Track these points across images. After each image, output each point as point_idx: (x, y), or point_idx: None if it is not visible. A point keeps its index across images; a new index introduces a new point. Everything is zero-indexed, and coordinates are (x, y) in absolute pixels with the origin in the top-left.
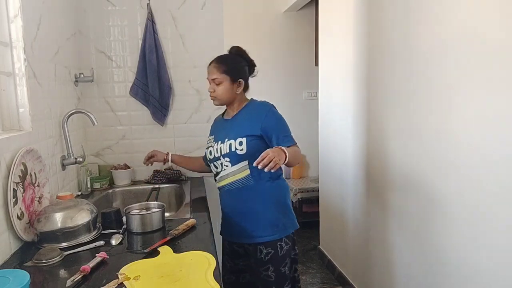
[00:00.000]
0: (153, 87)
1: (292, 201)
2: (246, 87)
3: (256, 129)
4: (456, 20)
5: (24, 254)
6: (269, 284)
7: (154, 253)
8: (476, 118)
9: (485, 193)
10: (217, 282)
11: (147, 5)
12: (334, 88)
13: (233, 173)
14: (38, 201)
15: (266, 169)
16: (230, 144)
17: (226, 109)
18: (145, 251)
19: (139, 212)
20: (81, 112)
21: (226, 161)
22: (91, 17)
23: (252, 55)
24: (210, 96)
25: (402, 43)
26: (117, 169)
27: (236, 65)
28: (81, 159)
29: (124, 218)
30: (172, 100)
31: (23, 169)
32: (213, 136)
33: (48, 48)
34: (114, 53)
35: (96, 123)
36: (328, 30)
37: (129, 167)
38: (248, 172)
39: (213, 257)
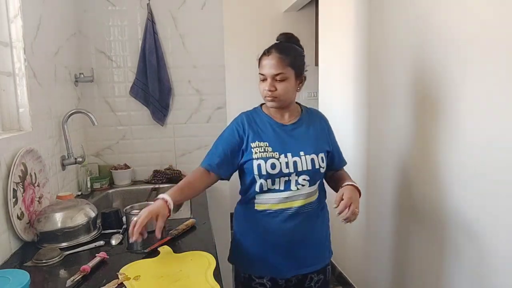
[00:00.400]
0: (153, 87)
1: None
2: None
3: (327, 143)
4: (457, 20)
5: (24, 254)
6: None
7: (154, 253)
8: (477, 118)
9: (487, 195)
10: (217, 282)
11: (147, 5)
12: (334, 88)
13: (308, 195)
14: (38, 201)
15: (345, 222)
16: (313, 160)
17: (261, 108)
18: (145, 251)
19: (139, 212)
20: (81, 112)
21: (303, 179)
22: (91, 17)
23: (252, 55)
24: (268, 96)
25: (402, 43)
26: (117, 169)
27: (301, 57)
28: (81, 159)
29: (124, 218)
30: (172, 100)
31: (23, 169)
32: (270, 144)
33: (48, 48)
34: (114, 53)
35: (96, 123)
36: (328, 30)
37: (129, 167)
38: (316, 196)
39: (213, 257)
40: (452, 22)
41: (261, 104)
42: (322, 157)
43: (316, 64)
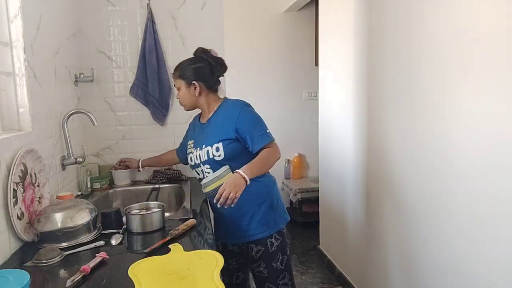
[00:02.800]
0: (153, 87)
1: (292, 201)
2: (211, 88)
3: (231, 132)
4: (458, 21)
5: (24, 254)
6: (263, 280)
7: (165, 250)
8: (477, 119)
9: (487, 195)
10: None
11: (147, 5)
12: (334, 88)
13: (216, 178)
14: (38, 201)
15: (225, 206)
16: (208, 151)
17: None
18: (145, 251)
19: (139, 212)
20: (81, 112)
21: (206, 168)
22: (91, 17)
23: (252, 55)
24: (179, 103)
25: (402, 43)
26: (117, 169)
27: (188, 68)
28: (81, 159)
29: (124, 218)
30: (172, 100)
31: (23, 169)
32: (193, 140)
33: (48, 48)
34: (114, 53)
35: (96, 123)
36: (328, 30)
37: (129, 167)
38: (231, 174)
39: (221, 257)
40: (452, 22)
41: None
42: (217, 147)
43: (316, 64)
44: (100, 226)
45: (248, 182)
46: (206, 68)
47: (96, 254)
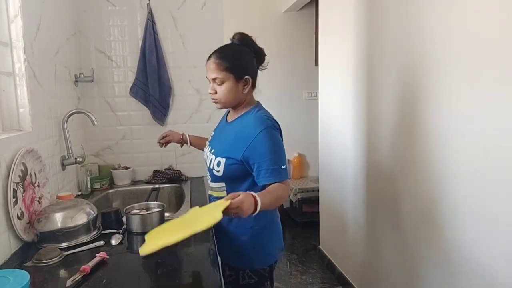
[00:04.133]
0: (153, 87)
1: (292, 201)
2: (255, 85)
3: (239, 153)
4: (456, 21)
5: (24, 254)
6: None
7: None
8: (477, 118)
9: (487, 193)
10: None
11: (147, 5)
12: (334, 88)
13: (212, 189)
14: (38, 201)
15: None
16: (211, 160)
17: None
18: None
19: (139, 212)
20: (81, 112)
21: (207, 172)
22: (91, 17)
23: None
24: (212, 98)
25: (402, 42)
26: (117, 169)
27: (240, 59)
28: (81, 159)
29: (124, 218)
30: (172, 100)
31: (23, 169)
32: (213, 134)
33: (48, 48)
34: (114, 53)
35: (96, 123)
36: (328, 30)
37: (129, 167)
38: (225, 194)
39: (227, 202)
40: (451, 22)
41: None
42: (219, 162)
43: (316, 64)
44: (100, 226)
45: (257, 211)
46: (254, 61)
47: (96, 254)
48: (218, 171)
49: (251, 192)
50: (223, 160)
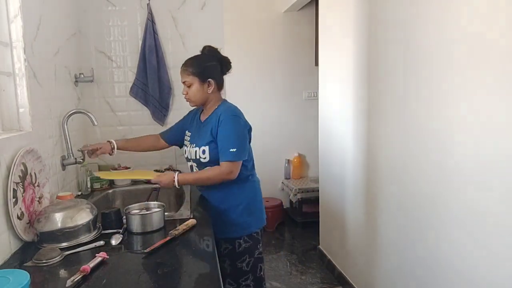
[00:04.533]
0: (153, 87)
1: (292, 201)
2: (220, 87)
3: (214, 136)
4: (457, 21)
5: (24, 254)
6: (225, 276)
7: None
8: (477, 119)
9: (486, 194)
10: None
11: (147, 5)
12: (334, 88)
13: None
14: (38, 201)
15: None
16: (196, 152)
17: (202, 110)
18: (145, 251)
19: (139, 212)
20: (81, 112)
21: (194, 165)
22: (91, 17)
23: (252, 55)
24: (185, 98)
25: (402, 43)
26: (117, 169)
27: (204, 65)
28: (81, 159)
29: (124, 218)
30: (172, 100)
31: (23, 169)
32: (190, 134)
33: (48, 48)
34: (114, 53)
35: (96, 123)
36: (328, 30)
37: (129, 167)
38: None
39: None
40: (453, 22)
41: None
42: (203, 150)
43: (316, 64)
44: (100, 226)
45: (177, 186)
46: (217, 67)
47: (96, 254)
48: (205, 158)
49: (176, 171)
50: (207, 147)
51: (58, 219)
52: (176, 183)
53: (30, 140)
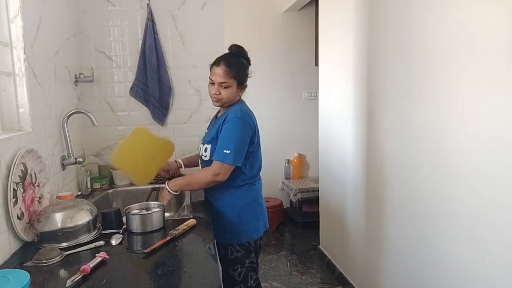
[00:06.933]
0: (153, 87)
1: (292, 201)
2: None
3: (218, 134)
4: (456, 21)
5: (24, 254)
6: None
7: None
8: (477, 119)
9: (486, 195)
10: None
11: (147, 5)
12: (334, 88)
13: None
14: (38, 201)
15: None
16: (200, 149)
17: None
18: (145, 251)
19: (139, 212)
20: (81, 112)
21: (199, 162)
22: (91, 17)
23: (252, 55)
24: (214, 97)
25: (402, 43)
26: (117, 169)
27: (243, 70)
28: (81, 159)
29: (124, 218)
30: (172, 100)
31: (23, 169)
32: (207, 131)
33: (48, 48)
34: (114, 53)
35: (96, 123)
36: (328, 30)
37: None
38: None
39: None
40: (452, 22)
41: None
42: (206, 148)
43: (316, 64)
44: (100, 226)
45: (174, 192)
46: (248, 70)
47: (96, 254)
48: (205, 156)
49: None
50: (209, 146)
51: (58, 219)
52: (171, 191)
53: (30, 140)
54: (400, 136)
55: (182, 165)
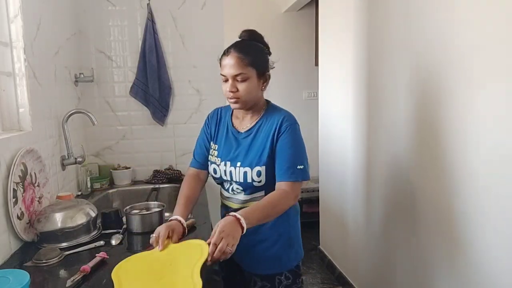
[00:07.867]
0: (153, 87)
1: None
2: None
3: (273, 149)
4: (455, 20)
5: (24, 254)
6: None
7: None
8: (477, 119)
9: (484, 196)
10: (201, 277)
11: (147, 5)
12: (334, 88)
13: (245, 201)
14: (38, 201)
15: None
16: (245, 173)
17: (233, 112)
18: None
19: (139, 212)
20: (81, 112)
21: (238, 188)
22: (91, 17)
23: None
24: (230, 96)
25: (402, 43)
26: (117, 169)
27: (262, 54)
28: (81, 159)
29: (124, 218)
30: (172, 100)
31: (23, 169)
32: (218, 148)
33: (48, 48)
34: (114, 53)
35: (96, 123)
36: (328, 30)
37: (129, 167)
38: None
39: (206, 245)
40: (453, 21)
41: None
42: (258, 171)
43: (316, 64)
44: (100, 226)
45: (245, 232)
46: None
47: (96, 254)
48: (260, 181)
49: (229, 214)
50: (263, 168)
51: (58, 219)
52: (244, 229)
53: (30, 140)
54: (400, 136)
55: (184, 223)
